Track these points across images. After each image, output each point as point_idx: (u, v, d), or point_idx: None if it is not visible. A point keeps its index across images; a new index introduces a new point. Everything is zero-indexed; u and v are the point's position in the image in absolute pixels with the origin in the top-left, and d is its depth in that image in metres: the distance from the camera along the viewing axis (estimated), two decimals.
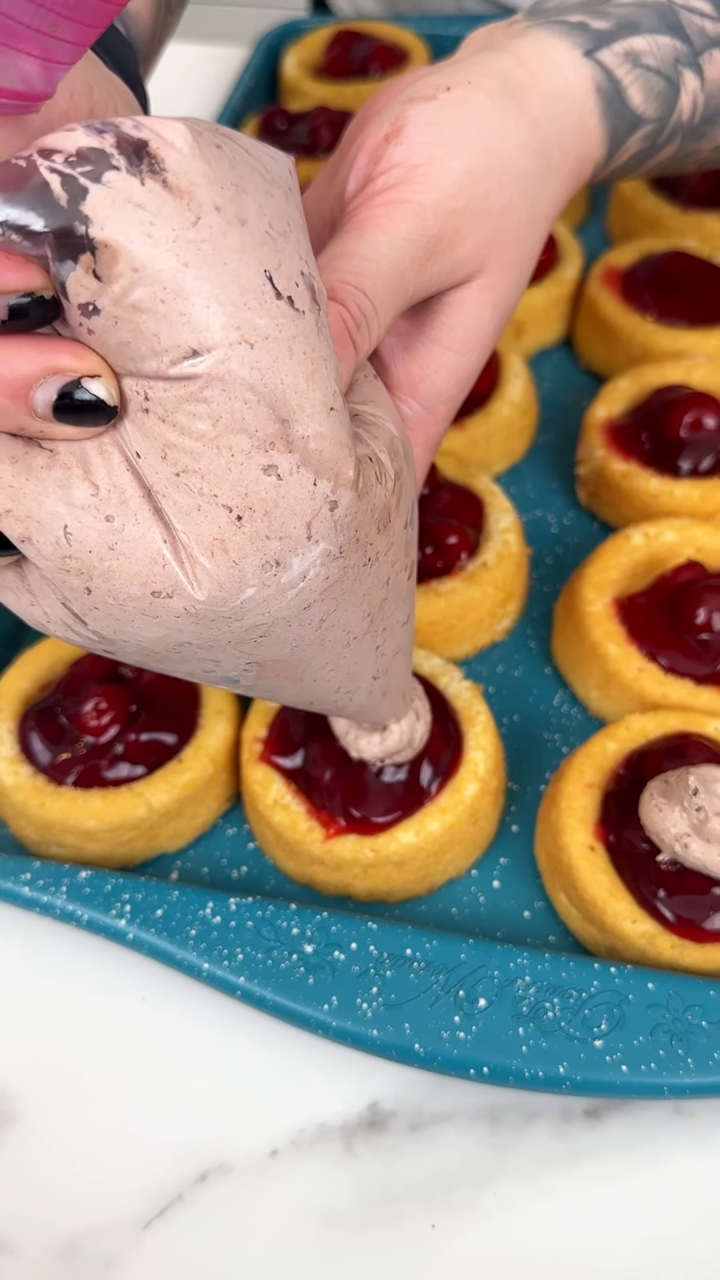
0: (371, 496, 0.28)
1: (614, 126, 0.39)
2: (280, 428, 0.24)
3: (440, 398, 0.35)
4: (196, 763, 0.43)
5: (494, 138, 0.35)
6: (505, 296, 0.36)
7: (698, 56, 0.40)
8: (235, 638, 0.27)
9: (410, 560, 0.33)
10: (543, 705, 0.48)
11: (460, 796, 0.41)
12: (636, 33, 0.39)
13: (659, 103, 0.40)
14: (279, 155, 0.26)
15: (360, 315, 0.31)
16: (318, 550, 0.26)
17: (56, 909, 0.40)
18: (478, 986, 0.38)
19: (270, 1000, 0.38)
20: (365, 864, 0.41)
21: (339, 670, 0.32)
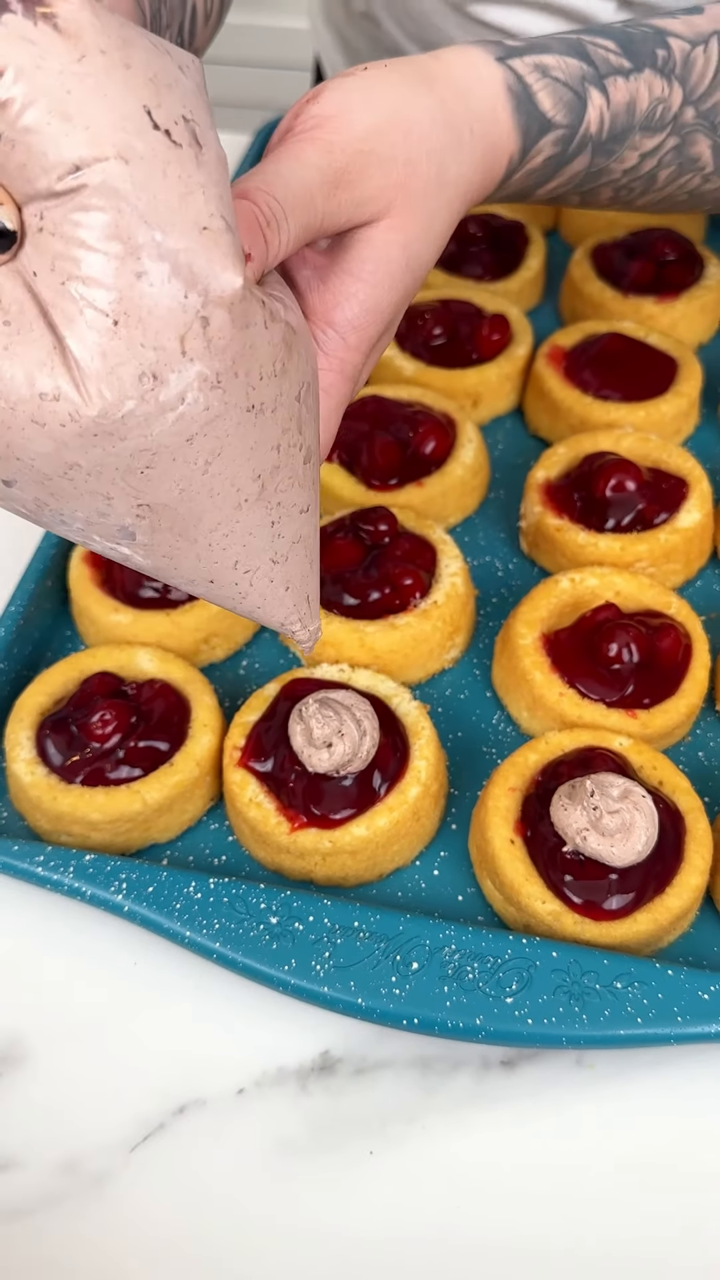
0: (253, 333, 0.30)
1: (526, 124, 0.44)
2: (151, 236, 0.27)
3: (351, 325, 0.39)
4: (185, 766, 0.51)
5: (402, 104, 0.40)
6: (413, 241, 0.40)
7: (603, 79, 0.46)
8: (121, 464, 0.29)
9: (307, 444, 0.35)
10: (482, 724, 0.56)
11: (405, 798, 0.49)
12: (547, 51, 0.45)
13: (568, 110, 0.45)
14: (179, 50, 0.30)
15: (270, 214, 0.35)
16: (193, 371, 0.28)
17: (64, 886, 0.48)
18: (412, 953, 0.45)
19: (240, 962, 0.45)
20: (324, 853, 0.48)
21: (234, 538, 0.34)
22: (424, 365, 0.67)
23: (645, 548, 0.57)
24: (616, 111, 0.47)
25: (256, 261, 0.34)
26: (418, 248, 0.40)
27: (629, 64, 0.47)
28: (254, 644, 0.60)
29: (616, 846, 0.45)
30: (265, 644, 0.60)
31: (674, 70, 0.48)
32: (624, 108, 0.47)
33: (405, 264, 0.40)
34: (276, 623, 0.39)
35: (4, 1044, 0.47)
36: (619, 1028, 0.43)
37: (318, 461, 0.37)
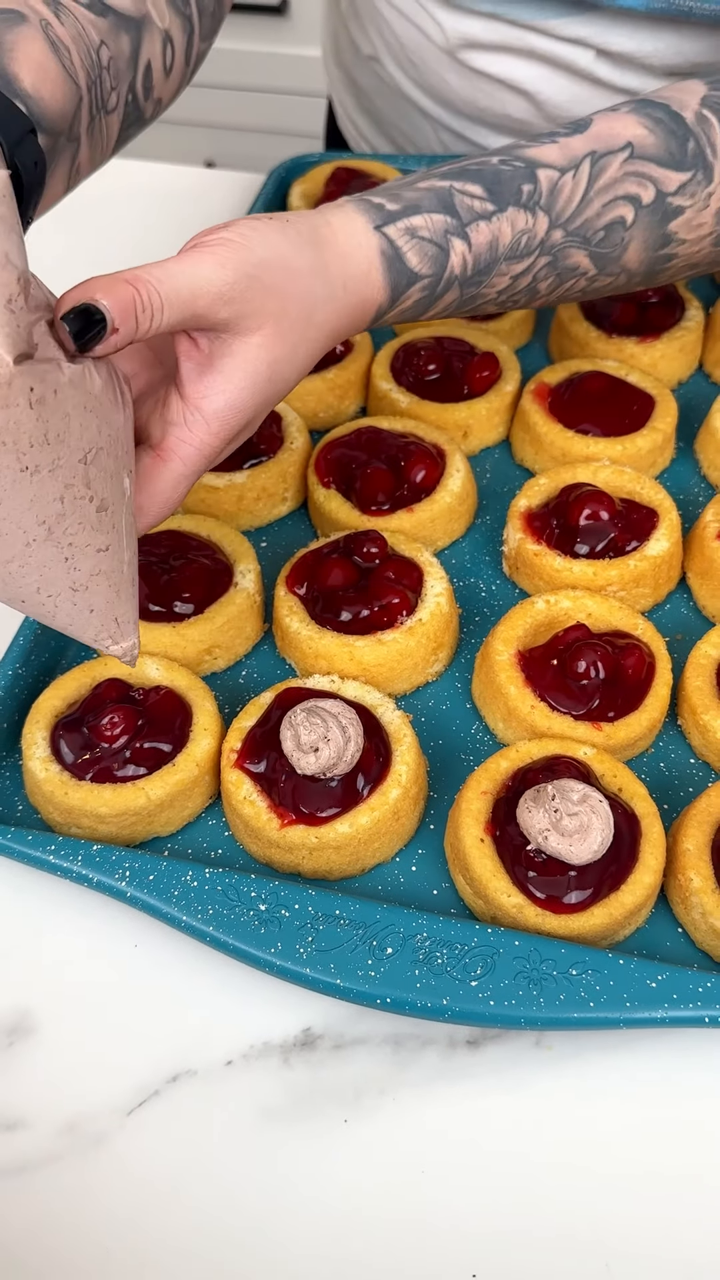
0: (15, 412, 0.37)
1: (395, 280, 0.54)
2: None
3: (216, 414, 0.48)
4: (186, 766, 0.55)
5: (292, 253, 0.49)
6: (278, 361, 0.49)
7: (465, 228, 0.55)
8: None
9: (97, 496, 0.42)
10: (461, 733, 0.60)
11: (386, 799, 0.53)
12: (418, 213, 0.54)
13: (432, 263, 0.54)
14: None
15: (147, 302, 0.43)
16: None
17: (72, 873, 0.52)
18: (388, 939, 0.50)
19: (231, 945, 0.50)
20: (311, 848, 0.53)
21: (30, 570, 0.41)
22: (418, 399, 0.72)
23: (616, 573, 0.61)
24: (479, 252, 0.55)
25: (122, 335, 0.43)
26: (281, 366, 0.49)
27: (492, 206, 0.55)
28: (253, 655, 0.64)
29: (575, 846, 0.49)
30: (263, 655, 0.64)
31: (539, 202, 0.56)
32: (486, 247, 0.55)
33: (269, 377, 0.49)
34: (88, 640, 0.45)
35: (14, 1017, 0.52)
36: (573, 1011, 0.47)
37: (123, 509, 0.44)
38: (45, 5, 0.55)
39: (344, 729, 0.53)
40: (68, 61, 0.54)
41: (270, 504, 0.70)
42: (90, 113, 0.57)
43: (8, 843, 0.53)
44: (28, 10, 0.54)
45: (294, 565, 0.63)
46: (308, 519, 0.71)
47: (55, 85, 0.54)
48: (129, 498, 0.45)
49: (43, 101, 0.53)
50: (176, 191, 1.00)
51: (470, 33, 0.80)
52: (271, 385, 0.49)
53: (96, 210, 0.80)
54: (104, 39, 0.57)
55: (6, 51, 0.52)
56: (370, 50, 0.94)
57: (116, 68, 0.59)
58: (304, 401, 0.74)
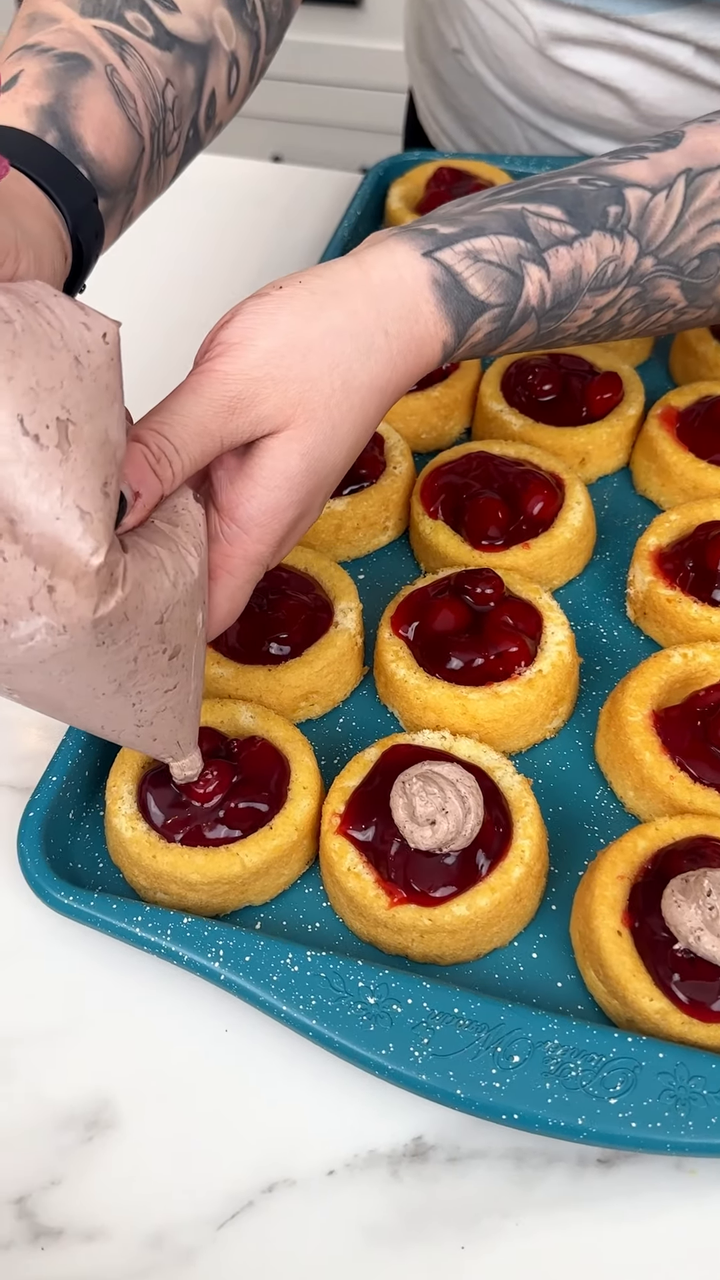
0: (96, 598, 0.36)
1: (456, 310, 0.47)
2: (9, 524, 0.34)
3: (253, 522, 0.44)
4: (284, 831, 0.50)
5: (303, 326, 0.44)
6: (314, 448, 0.44)
7: (543, 253, 0.48)
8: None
9: (171, 645, 0.41)
10: (584, 799, 0.54)
11: (508, 878, 0.48)
12: (482, 234, 0.48)
13: (503, 290, 0.48)
14: (96, 324, 0.35)
15: (159, 452, 0.40)
16: (40, 621, 0.35)
17: (162, 948, 0.47)
18: (514, 1045, 0.44)
19: (336, 1042, 0.45)
20: (422, 930, 0.47)
21: (96, 714, 0.41)
22: (532, 421, 0.66)
23: None
24: (559, 281, 0.49)
25: (147, 496, 0.40)
26: (320, 451, 0.45)
27: (574, 230, 0.49)
28: (351, 701, 0.59)
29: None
30: (362, 702, 0.59)
31: (627, 226, 0.50)
32: (568, 275, 0.49)
33: (305, 468, 0.44)
34: (154, 756, 0.47)
35: (94, 1107, 0.47)
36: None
37: (194, 646, 0.43)
38: (110, 47, 0.51)
39: (463, 799, 0.48)
40: (132, 112, 0.51)
41: (371, 533, 0.64)
42: (151, 160, 0.54)
43: (90, 911, 0.48)
44: (93, 55, 0.51)
45: (400, 605, 0.58)
46: (409, 550, 0.66)
47: (119, 144, 0.51)
48: (202, 630, 0.43)
49: (105, 164, 0.50)
50: (263, 191, 0.95)
51: (560, 27, 0.74)
52: (313, 477, 0.45)
53: (171, 210, 0.75)
54: (169, 76, 0.54)
55: (72, 109, 0.49)
56: (456, 43, 0.89)
57: (180, 105, 0.55)
58: (405, 422, 0.68)
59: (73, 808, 0.53)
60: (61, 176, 0.47)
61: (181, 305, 0.83)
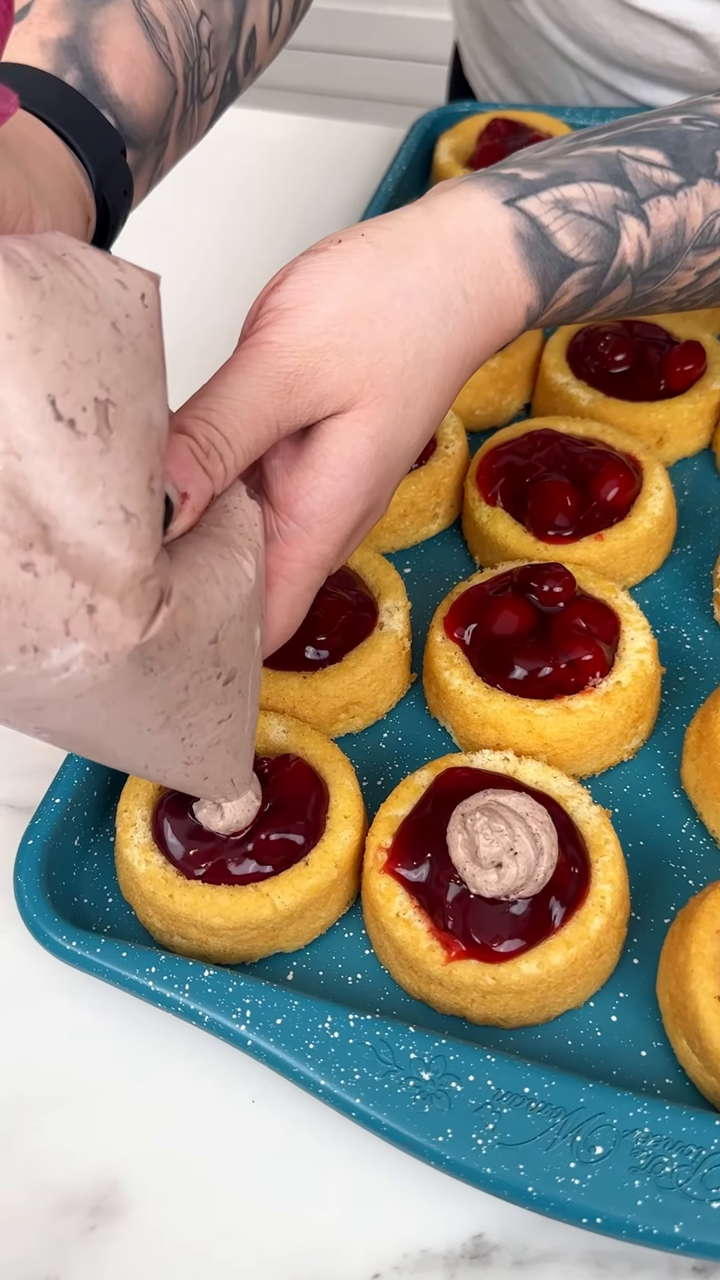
0: (145, 618, 0.30)
1: (543, 269, 0.41)
2: (41, 531, 0.27)
3: (315, 518, 0.38)
4: (322, 867, 0.43)
5: (370, 284, 0.38)
6: (384, 429, 0.38)
7: (642, 204, 0.42)
8: (11, 705, 0.30)
9: (226, 669, 0.35)
10: (669, 832, 0.47)
11: (585, 930, 0.41)
12: (572, 181, 0.41)
13: (596, 246, 0.41)
14: (134, 281, 0.29)
15: (208, 444, 0.34)
16: (78, 648, 0.29)
17: (179, 1006, 0.40)
18: (595, 1133, 0.37)
19: (385, 1125, 0.38)
20: (484, 990, 0.40)
21: (139, 753, 0.35)
22: (603, 396, 0.58)
23: None
24: (660, 236, 0.42)
25: (196, 497, 0.33)
26: (391, 434, 0.38)
27: (678, 178, 0.42)
28: (397, 713, 0.52)
29: None
30: (409, 714, 0.52)
31: None
32: (670, 230, 0.43)
33: (375, 454, 0.38)
34: (200, 796, 0.41)
35: (99, 1190, 0.40)
36: None
37: (250, 668, 0.36)
38: None
39: (535, 837, 0.40)
40: (164, 48, 0.45)
41: (419, 522, 0.57)
42: (184, 105, 0.46)
43: (96, 959, 0.42)
44: None
45: (454, 604, 0.51)
46: (462, 541, 0.58)
47: (149, 84, 0.44)
48: (258, 649, 0.37)
49: (134, 109, 0.43)
50: (301, 147, 0.87)
51: None
52: (383, 463, 0.39)
53: (202, 166, 0.68)
54: (204, 9, 0.47)
55: (94, 43, 0.42)
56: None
57: (217, 43, 0.48)
58: (459, 397, 0.61)
59: (79, 833, 0.47)
60: (84, 123, 0.40)
61: (213, 273, 0.76)
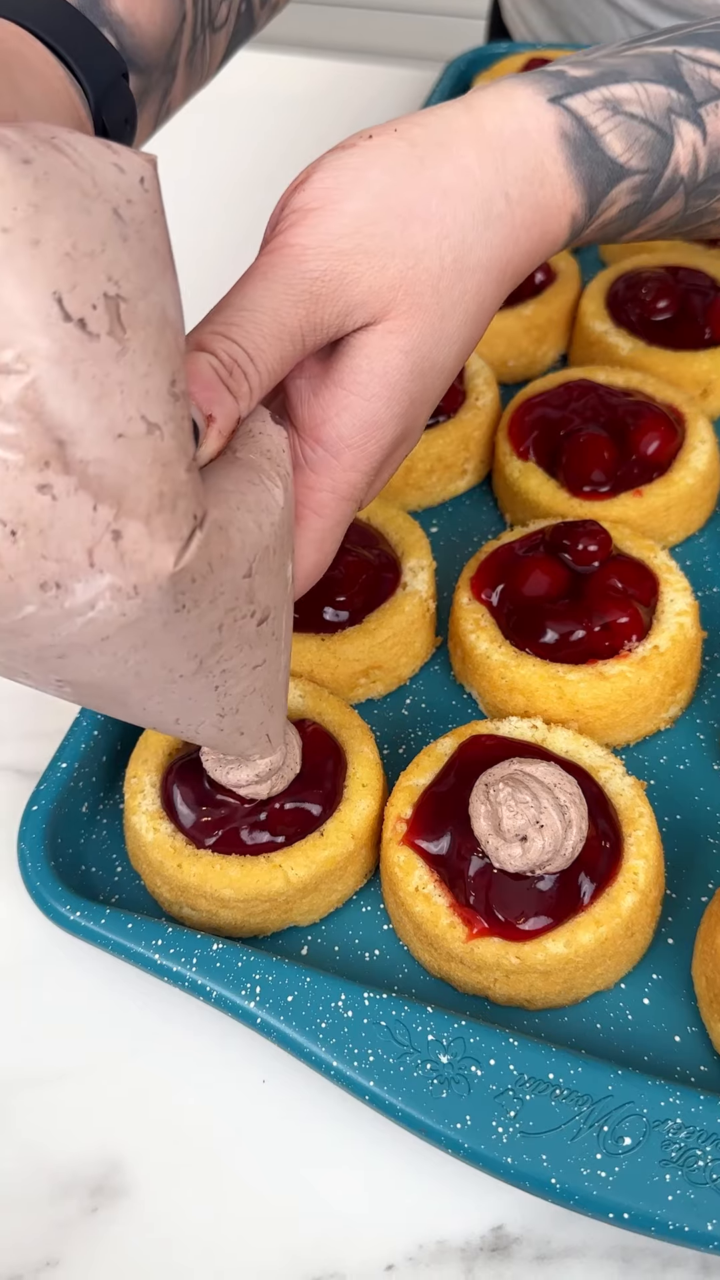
0: (179, 542, 0.27)
1: (590, 174, 0.37)
2: (56, 448, 0.25)
3: (345, 443, 0.34)
4: (338, 838, 0.41)
5: (403, 182, 0.34)
6: (420, 344, 0.35)
7: (699, 108, 0.38)
8: (30, 654, 0.28)
9: (261, 607, 0.32)
10: (709, 805, 0.44)
11: (617, 908, 0.38)
12: (623, 80, 0.38)
13: (647, 153, 0.38)
14: (131, 164, 0.26)
15: (231, 362, 0.31)
16: (104, 581, 0.26)
17: (186, 980, 0.39)
18: (624, 1123, 0.35)
19: (400, 1110, 0.36)
20: (508, 969, 0.38)
21: (170, 705, 0.32)
22: (644, 345, 0.55)
23: None
24: (717, 145, 0.39)
25: (222, 420, 0.30)
26: (427, 349, 0.35)
27: None
28: (421, 677, 0.50)
29: None
30: (434, 679, 0.49)
31: None
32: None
33: (409, 370, 0.35)
34: (234, 754, 0.38)
35: (100, 1170, 0.38)
36: None
37: (284, 608, 0.34)
38: None
39: (563, 810, 0.38)
40: None
41: (447, 478, 0.54)
42: (194, 34, 0.43)
43: (101, 930, 0.40)
44: None
45: (482, 564, 0.48)
46: (492, 499, 0.56)
47: (154, 5, 0.41)
48: (290, 588, 0.34)
49: (139, 30, 0.40)
50: (330, 90, 0.84)
51: None
52: (418, 382, 0.35)
53: (220, 111, 0.65)
54: None
55: None
56: None
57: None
58: (491, 346, 0.58)
59: (87, 799, 0.45)
60: (80, 39, 0.37)
61: (233, 228, 0.73)
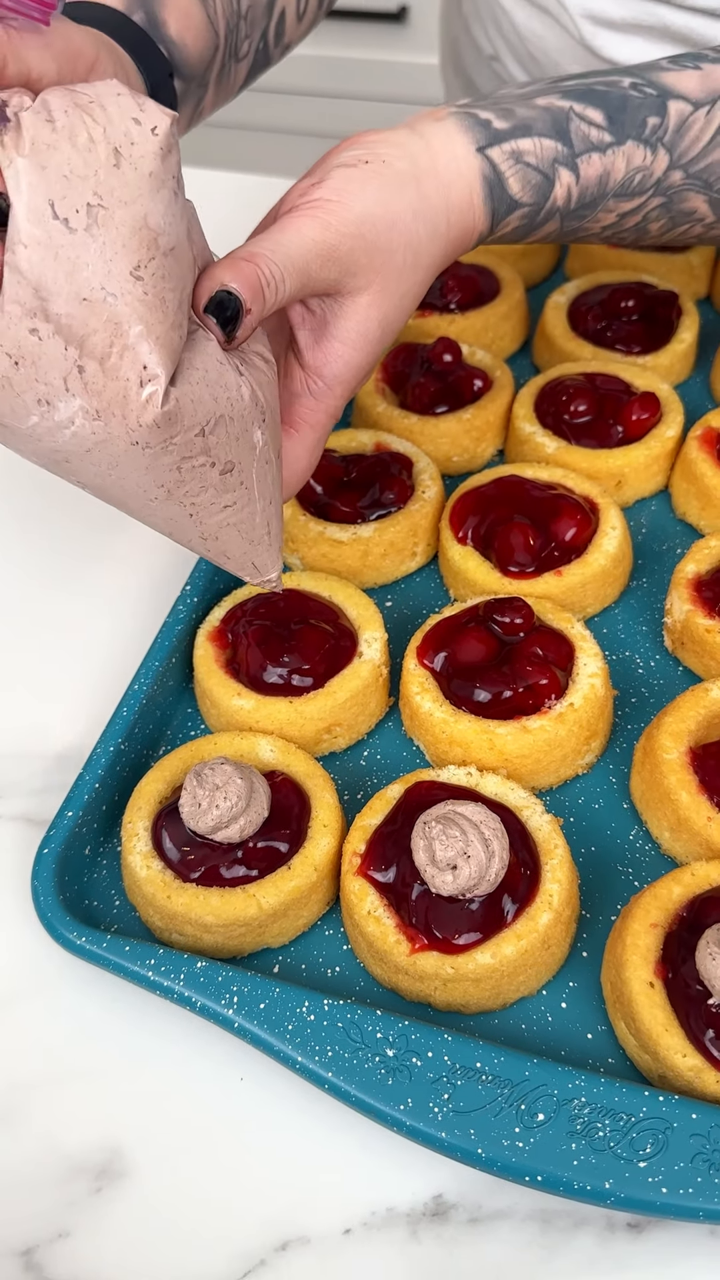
0: (127, 388, 0.37)
1: (495, 207, 0.51)
2: (40, 303, 0.36)
3: (338, 379, 0.48)
4: (303, 871, 0.48)
5: (390, 200, 0.48)
6: (388, 315, 0.49)
7: (576, 158, 0.52)
8: (45, 455, 0.39)
9: (221, 460, 0.42)
10: (618, 839, 0.52)
11: (535, 924, 0.46)
12: (528, 135, 0.51)
13: (535, 191, 0.52)
14: (149, 118, 0.38)
15: (270, 276, 0.43)
16: (76, 404, 0.37)
17: (175, 993, 0.46)
18: (538, 1102, 0.42)
19: (353, 1096, 0.43)
20: (445, 979, 0.46)
21: (158, 520, 0.43)
22: (566, 444, 0.64)
23: None
24: (586, 185, 0.52)
25: (254, 315, 0.42)
26: (391, 319, 0.49)
27: (610, 138, 0.52)
28: (376, 733, 0.57)
29: None
30: (387, 734, 0.57)
31: (662, 139, 0.52)
32: (595, 181, 0.52)
33: (380, 333, 0.49)
34: (233, 573, 0.47)
35: (105, 1156, 0.45)
36: None
37: (253, 464, 0.43)
38: None
39: (487, 843, 0.46)
40: (211, 9, 0.57)
41: (398, 560, 0.63)
42: (223, 60, 0.59)
43: (103, 953, 0.47)
44: None
45: (426, 635, 0.56)
46: (438, 576, 0.64)
47: (198, 34, 0.56)
48: (262, 449, 0.44)
49: (185, 48, 0.56)
50: None
51: (597, 10, 0.73)
52: (384, 340, 0.49)
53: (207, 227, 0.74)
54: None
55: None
56: (490, 50, 0.87)
57: (254, 14, 0.61)
58: (436, 445, 0.66)
59: (89, 843, 0.52)
60: (144, 47, 0.51)
61: None
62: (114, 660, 0.62)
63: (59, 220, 0.36)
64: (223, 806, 0.48)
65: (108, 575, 0.67)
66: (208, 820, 0.48)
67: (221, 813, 0.47)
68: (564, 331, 0.71)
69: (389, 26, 1.97)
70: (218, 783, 0.48)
